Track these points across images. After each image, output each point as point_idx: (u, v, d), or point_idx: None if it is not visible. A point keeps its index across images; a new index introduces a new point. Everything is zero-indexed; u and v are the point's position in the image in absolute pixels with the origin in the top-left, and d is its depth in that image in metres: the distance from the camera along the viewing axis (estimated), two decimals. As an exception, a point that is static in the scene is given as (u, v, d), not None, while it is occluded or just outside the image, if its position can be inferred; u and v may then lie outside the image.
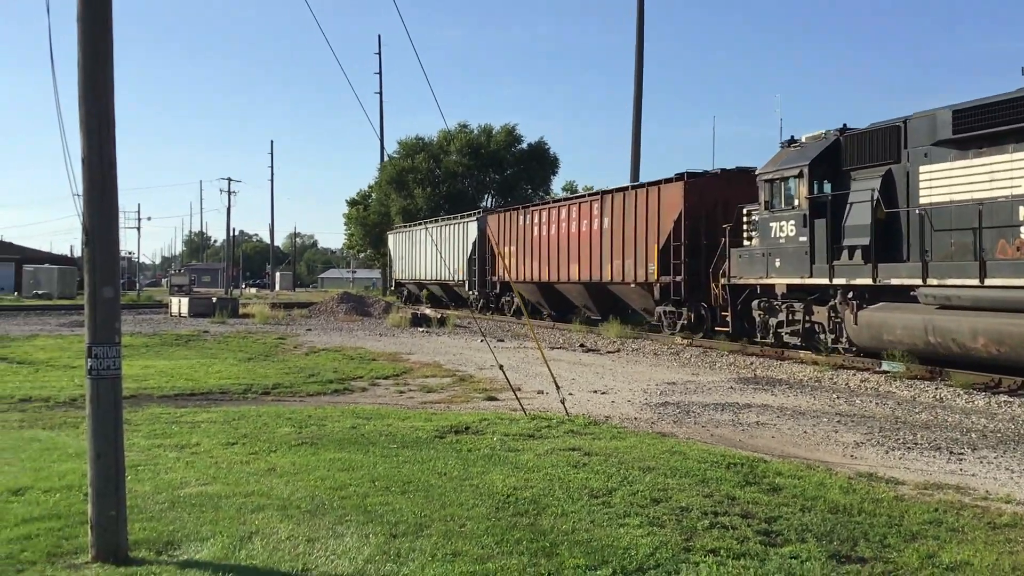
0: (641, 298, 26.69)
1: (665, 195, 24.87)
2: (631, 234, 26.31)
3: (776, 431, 11.00)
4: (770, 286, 20.21)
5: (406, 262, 48.86)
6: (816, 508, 6.92)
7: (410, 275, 47.98)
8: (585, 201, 29.88)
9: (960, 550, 5.93)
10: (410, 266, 47.91)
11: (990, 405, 13.17)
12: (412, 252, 47.36)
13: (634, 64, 40.31)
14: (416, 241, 46.69)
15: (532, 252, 32.99)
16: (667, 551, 5.82)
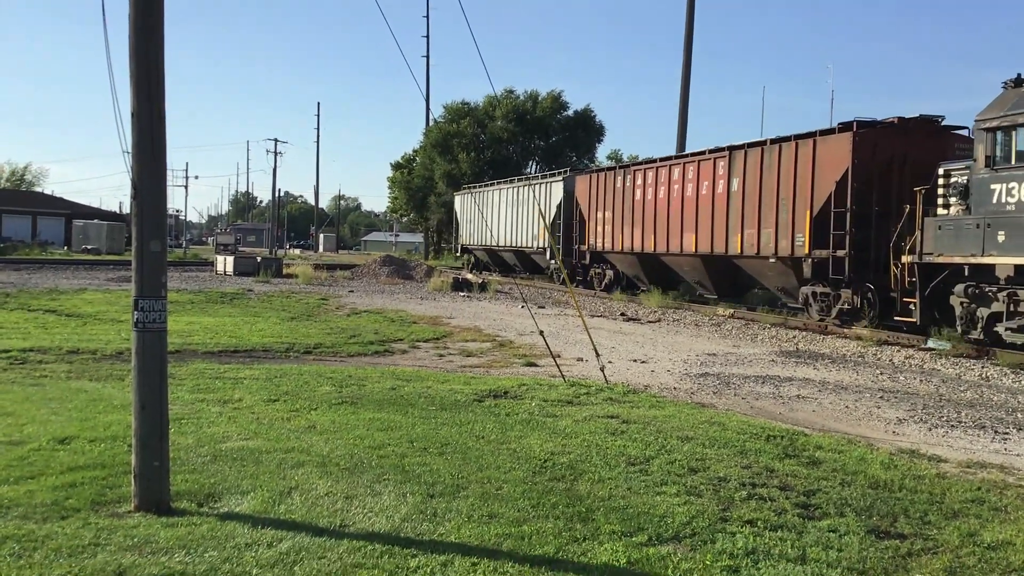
0: (780, 275, 22.00)
1: (824, 150, 19.88)
2: (771, 198, 21.46)
3: (817, 405, 10.90)
4: (986, 267, 15.77)
5: (475, 225, 45.09)
6: (856, 483, 6.85)
7: (479, 240, 44.32)
8: (706, 159, 24.59)
9: (1002, 529, 5.84)
10: (479, 230, 44.17)
11: (1038, 386, 12.92)
12: (483, 215, 43.55)
13: (684, 31, 39.73)
14: (488, 202, 42.66)
15: (632, 219, 28.47)
16: (703, 520, 5.80)
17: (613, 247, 30.01)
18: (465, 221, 46.87)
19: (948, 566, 5.16)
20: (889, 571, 5.06)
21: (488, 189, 43.68)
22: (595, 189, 31.48)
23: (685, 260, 26.08)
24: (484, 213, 43.10)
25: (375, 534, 5.43)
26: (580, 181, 32.96)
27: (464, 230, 47.13)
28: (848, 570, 5.05)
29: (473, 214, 45.15)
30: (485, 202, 43.04)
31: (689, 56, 39.82)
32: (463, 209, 47.33)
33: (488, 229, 42.43)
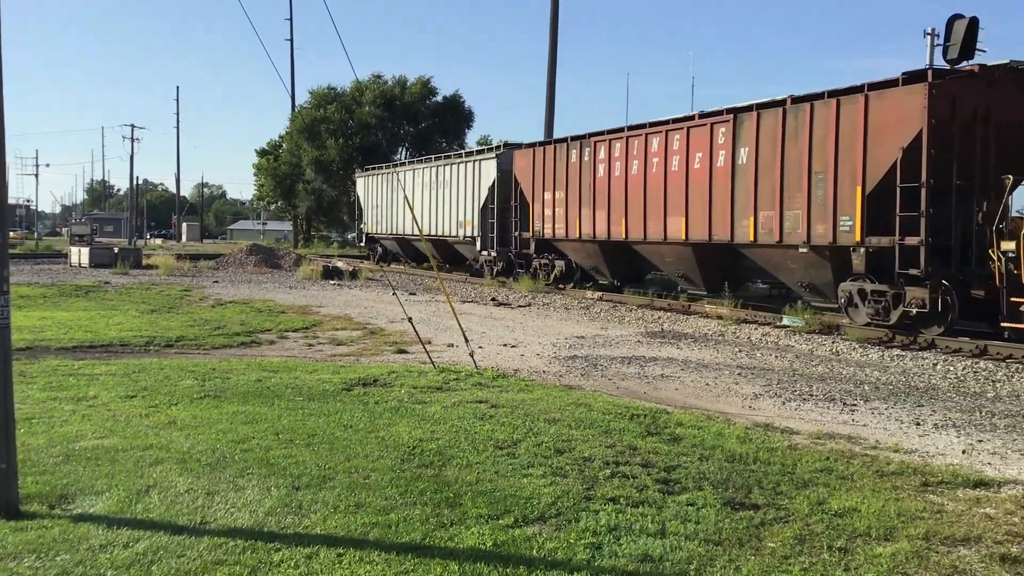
0: (808, 269, 17.56)
1: (882, 107, 15.59)
2: (798, 169, 17.14)
3: (680, 383, 11.24)
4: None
5: (382, 212, 40.07)
6: (714, 457, 7.11)
7: (388, 228, 39.54)
8: (700, 125, 20.09)
9: (849, 497, 6.16)
10: (388, 217, 39.50)
11: (883, 358, 13.68)
12: (392, 199, 38.70)
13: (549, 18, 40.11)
14: (398, 185, 37.78)
15: (594, 200, 23.79)
16: (568, 500, 5.91)
17: (567, 234, 25.33)
18: (371, 207, 41.76)
19: (798, 534, 5.41)
20: (743, 541, 5.28)
21: (400, 170, 38.57)
22: (541, 166, 26.66)
23: (668, 249, 21.45)
24: (394, 197, 38.38)
25: (238, 530, 5.32)
26: (520, 157, 28.28)
27: (369, 217, 42.09)
28: (705, 541, 5.24)
29: (381, 199, 40.19)
30: (396, 185, 38.00)
31: (555, 43, 40.23)
32: (368, 193, 42.35)
33: (399, 216, 37.77)
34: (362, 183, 43.53)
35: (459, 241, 32.82)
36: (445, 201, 33.44)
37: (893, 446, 7.86)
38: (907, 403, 10.09)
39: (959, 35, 16.19)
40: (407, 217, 36.36)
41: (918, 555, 5.08)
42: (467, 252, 33.17)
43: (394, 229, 38.91)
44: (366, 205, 42.60)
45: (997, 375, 12.16)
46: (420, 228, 31.92)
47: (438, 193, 33.85)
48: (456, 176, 32.68)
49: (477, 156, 31.93)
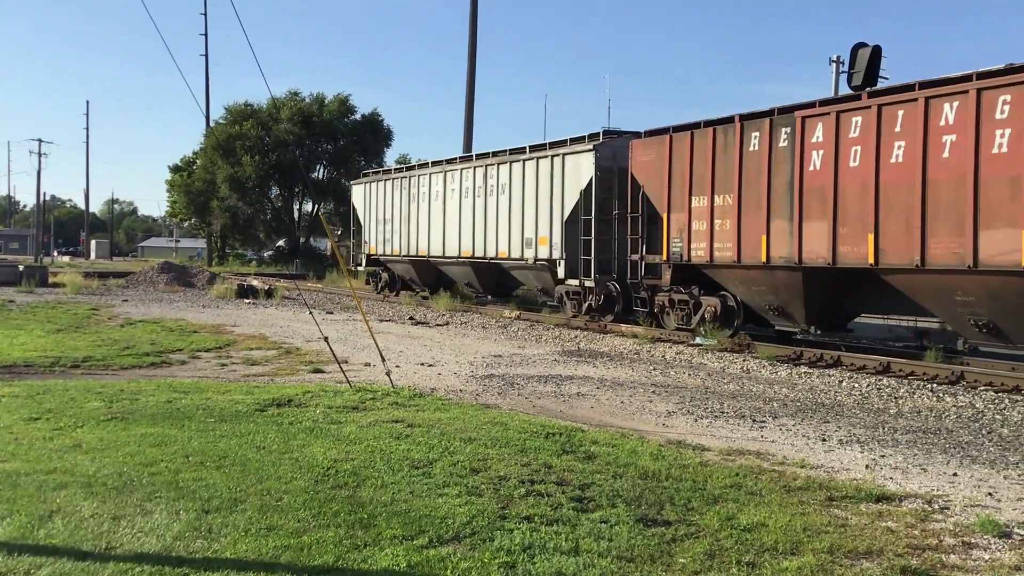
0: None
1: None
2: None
3: (595, 402, 11.36)
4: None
5: (392, 227, 31.37)
6: (627, 474, 7.20)
7: (401, 248, 30.77)
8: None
9: (757, 512, 6.30)
10: (402, 234, 30.66)
11: (791, 376, 14.04)
12: (409, 211, 30.21)
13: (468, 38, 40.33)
14: (421, 193, 29.41)
15: (797, 205, 15.81)
16: (483, 519, 5.92)
17: (738, 256, 17.08)
18: (374, 221, 33.03)
19: (708, 549, 5.52)
20: (655, 557, 5.36)
21: (421, 173, 29.76)
22: (685, 159, 18.27)
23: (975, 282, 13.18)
24: (412, 208, 30.12)
25: (144, 555, 5.20)
26: (644, 149, 19.50)
27: (372, 234, 33.14)
28: (618, 558, 5.30)
29: (391, 211, 31.63)
30: (415, 194, 29.95)
31: (473, 63, 40.44)
32: (370, 204, 33.59)
33: (420, 232, 29.51)
34: (361, 192, 34.51)
35: (523, 265, 24.05)
36: (499, 212, 24.98)
37: (800, 462, 8.07)
38: (814, 419, 10.37)
39: (863, 62, 16.81)
40: (434, 233, 28.45)
41: (823, 568, 5.22)
42: (533, 280, 24.42)
43: (411, 249, 30.10)
44: (367, 219, 33.78)
45: (899, 392, 12.58)
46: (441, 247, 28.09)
47: (487, 202, 25.49)
48: (522, 177, 24.02)
49: (563, 149, 22.76)
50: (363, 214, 34.41)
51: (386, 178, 32.59)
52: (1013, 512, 6.55)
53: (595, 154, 21.61)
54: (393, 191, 31.64)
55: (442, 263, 28.72)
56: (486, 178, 25.87)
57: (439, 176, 28.61)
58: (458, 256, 27.16)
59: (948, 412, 11.09)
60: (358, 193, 34.99)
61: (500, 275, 26.77)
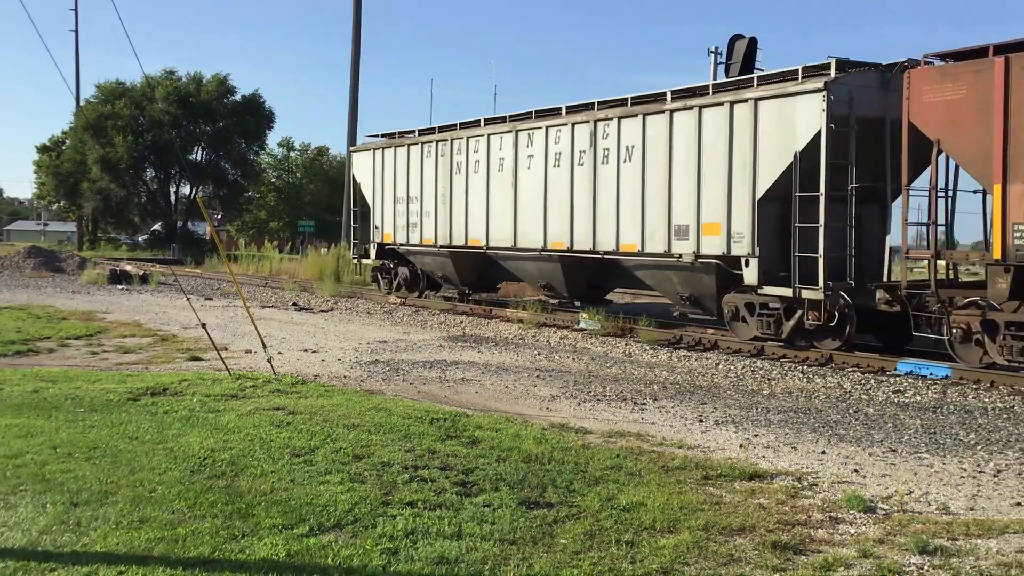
0: None
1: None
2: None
3: (480, 386, 11.39)
4: None
5: (421, 208, 23.29)
6: (511, 458, 7.25)
7: (437, 236, 22.59)
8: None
9: (636, 492, 6.43)
10: (437, 217, 22.58)
11: (671, 359, 14.37)
12: (450, 187, 22.09)
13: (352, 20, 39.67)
14: (472, 162, 21.37)
15: None
16: (366, 506, 5.87)
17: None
18: (390, 200, 24.69)
19: (589, 529, 5.60)
20: (537, 539, 5.41)
21: (474, 134, 21.38)
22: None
23: None
24: (455, 183, 21.88)
25: (8, 550, 4.96)
26: (936, 80, 12.55)
27: (386, 217, 24.91)
28: (500, 541, 5.33)
29: (418, 186, 23.42)
30: (463, 162, 21.61)
31: (358, 45, 39.83)
32: (381, 178, 25.13)
33: (464, 213, 21.59)
34: (367, 163, 25.98)
35: (664, 263, 16.59)
36: (620, 187, 17.17)
37: (678, 442, 8.27)
38: (692, 401, 10.65)
39: (740, 54, 17.28)
40: (496, 216, 20.54)
41: (698, 545, 5.36)
42: (676, 285, 16.69)
43: (452, 237, 22.04)
44: (377, 197, 25.36)
45: (772, 373, 13.03)
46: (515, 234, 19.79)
47: (598, 173, 17.64)
48: (668, 137, 16.21)
49: (754, 92, 15.09)
50: (371, 191, 25.61)
51: (409, 142, 23.91)
52: (877, 488, 6.87)
53: (826, 97, 13.77)
54: (423, 160, 23.14)
55: (508, 256, 20.55)
56: (594, 140, 17.69)
57: (506, 139, 20.21)
58: (541, 248, 19.15)
59: (818, 393, 11.54)
60: (362, 164, 26.41)
61: (604, 274, 19.04)
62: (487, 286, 23.81)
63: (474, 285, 23.38)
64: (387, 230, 24.97)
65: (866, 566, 5.08)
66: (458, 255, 22.32)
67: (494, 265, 21.83)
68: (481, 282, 23.36)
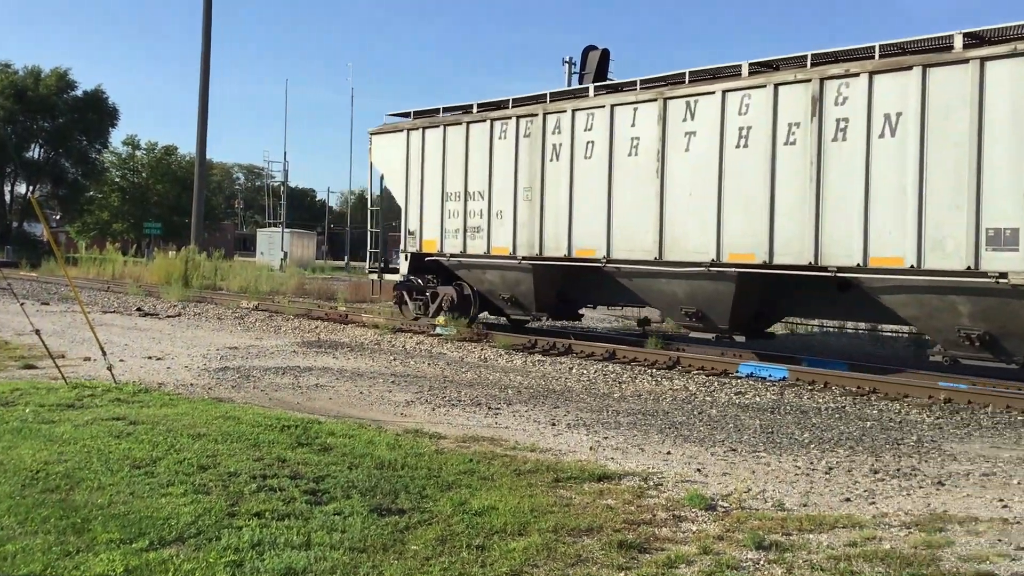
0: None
1: None
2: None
3: (334, 393, 11.24)
4: None
5: (486, 208, 17.70)
6: (363, 465, 7.18)
7: (514, 243, 17.14)
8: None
9: (488, 496, 6.48)
10: (517, 218, 17.14)
11: (526, 364, 14.56)
12: (540, 179, 16.72)
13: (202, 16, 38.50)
14: (578, 144, 16.01)
15: None
16: (211, 518, 5.69)
17: None
18: (433, 196, 18.79)
19: (440, 535, 5.60)
20: (388, 546, 5.38)
21: (579, 106, 16.18)
22: None
23: None
24: (547, 174, 16.61)
25: None
26: None
27: (428, 218, 18.96)
28: (350, 549, 5.27)
29: (478, 178, 17.85)
30: (558, 146, 16.43)
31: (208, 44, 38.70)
32: (420, 168, 19.11)
33: (569, 217, 16.21)
34: (396, 147, 19.67)
35: (966, 286, 11.55)
36: (871, 172, 12.37)
37: (531, 446, 8.38)
38: (545, 405, 10.81)
39: (593, 64, 17.67)
40: (622, 216, 15.33)
41: (547, 547, 5.45)
42: (968, 320, 11.70)
43: (536, 244, 16.75)
44: (412, 194, 19.27)
45: (623, 377, 13.37)
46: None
47: (823, 155, 12.82)
48: (977, 99, 11.35)
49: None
50: (403, 184, 19.44)
51: (468, 119, 18.06)
52: (718, 486, 7.14)
53: None
54: (492, 142, 17.46)
55: (639, 272, 15.11)
56: (818, 106, 12.77)
57: (644, 111, 14.86)
58: (710, 262, 13.88)
59: (665, 395, 11.91)
60: (388, 149, 19.99)
61: (816, 301, 14.40)
62: (568, 311, 18.16)
63: (554, 309, 17.72)
64: (429, 236, 18.80)
65: (706, 562, 5.27)
66: (546, 269, 16.70)
67: (601, 284, 16.43)
68: (563, 305, 17.82)
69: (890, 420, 10.39)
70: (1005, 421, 10.40)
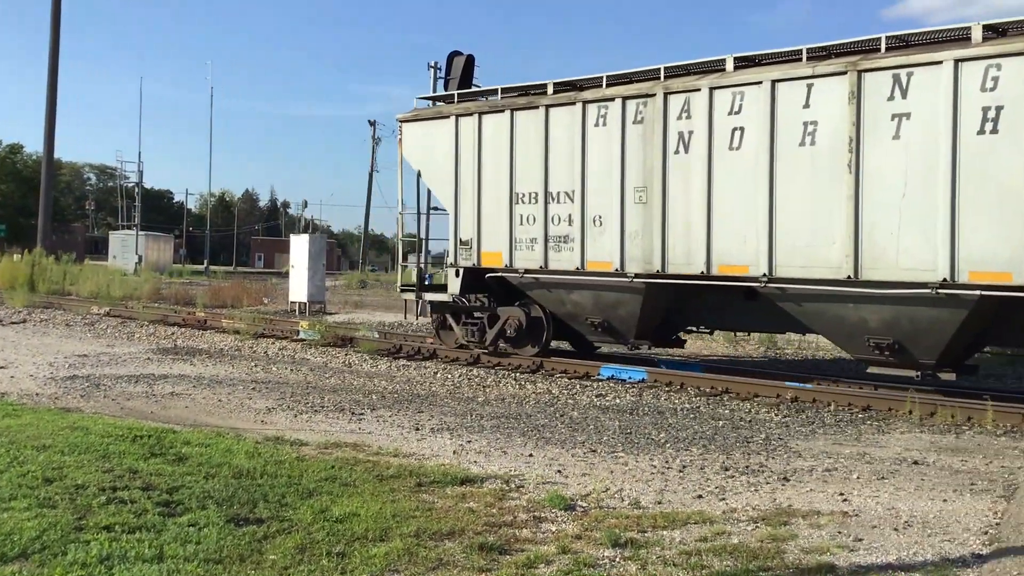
0: None
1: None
2: None
3: (191, 401, 10.93)
4: None
5: (582, 210, 14.08)
6: (221, 474, 7.01)
7: (618, 256, 13.65)
8: None
9: (350, 502, 6.43)
10: (620, 223, 13.65)
11: (391, 369, 14.50)
12: (661, 172, 13.12)
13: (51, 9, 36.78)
14: (716, 129, 12.61)
15: None
16: (56, 532, 5.46)
17: None
18: (494, 198, 15.26)
19: (300, 543, 5.53)
20: (245, 556, 5.27)
21: (740, 82, 12.51)
22: None
23: None
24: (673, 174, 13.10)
25: None
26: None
27: (487, 225, 15.39)
28: (205, 561, 5.14)
29: (569, 174, 14.22)
30: (702, 138, 12.74)
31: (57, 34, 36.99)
32: (475, 161, 15.44)
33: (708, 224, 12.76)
34: (440, 136, 16.13)
35: None
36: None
37: (394, 451, 8.36)
38: (409, 410, 10.79)
39: (458, 70, 17.73)
40: (771, 220, 12.15)
41: (409, 552, 5.45)
42: None
43: (665, 259, 13.23)
44: (464, 195, 15.75)
45: (487, 381, 13.48)
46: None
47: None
48: None
49: None
50: (450, 183, 15.86)
51: (547, 102, 14.58)
52: (578, 487, 7.29)
53: None
54: (585, 130, 14.07)
55: (816, 294, 11.97)
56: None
57: (827, 87, 11.76)
58: (924, 281, 10.97)
59: (529, 398, 12.07)
60: (429, 139, 16.36)
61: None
62: (668, 336, 14.90)
63: (655, 335, 14.56)
64: (490, 247, 15.30)
65: (564, 561, 5.38)
66: (660, 290, 13.56)
67: (742, 307, 13.34)
68: (663, 329, 14.63)
69: (741, 419, 10.83)
70: (847, 419, 10.99)
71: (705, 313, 14.09)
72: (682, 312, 14.16)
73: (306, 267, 25.76)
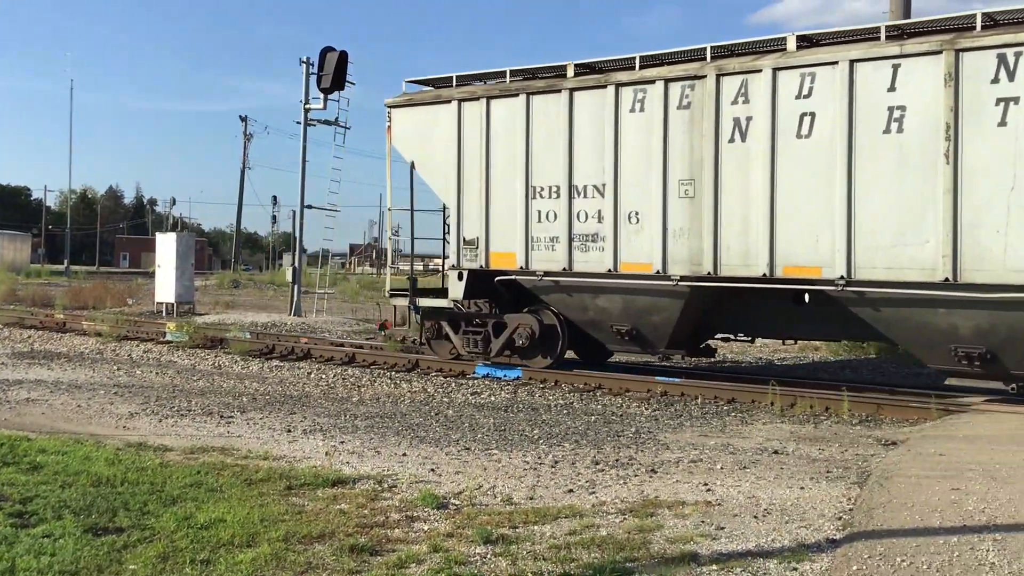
0: None
1: None
2: None
3: (48, 407, 10.47)
4: None
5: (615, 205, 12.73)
6: (78, 483, 6.74)
7: (660, 257, 12.36)
8: None
9: (216, 508, 6.27)
10: (662, 221, 12.34)
11: (263, 370, 14.20)
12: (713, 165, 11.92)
13: None
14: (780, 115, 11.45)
15: None
16: None
17: None
18: (505, 193, 13.72)
19: (162, 552, 5.36)
20: (103, 567, 5.08)
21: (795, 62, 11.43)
22: None
23: None
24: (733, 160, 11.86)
25: None
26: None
27: (496, 222, 13.89)
28: (60, 573, 4.94)
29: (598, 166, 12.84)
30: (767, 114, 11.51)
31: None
32: (482, 151, 13.87)
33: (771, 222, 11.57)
34: (442, 123, 14.37)
35: None
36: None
37: (264, 454, 8.19)
38: (281, 412, 10.60)
39: (331, 66, 17.51)
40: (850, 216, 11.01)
41: (277, 556, 5.35)
42: None
43: (717, 260, 11.97)
44: (470, 190, 14.10)
45: (362, 381, 13.35)
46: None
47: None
48: None
49: None
50: (451, 176, 14.30)
51: (564, 85, 13.18)
52: (451, 485, 7.30)
53: None
54: (618, 117, 12.70)
55: (905, 298, 10.83)
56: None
57: (918, 68, 10.63)
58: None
59: (404, 397, 12.02)
60: (424, 127, 14.72)
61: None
62: (696, 344, 13.83)
63: (689, 344, 13.57)
64: (501, 247, 13.84)
65: (436, 560, 5.38)
66: (703, 293, 12.39)
67: (803, 313, 12.17)
68: (696, 337, 13.60)
69: (612, 414, 11.05)
70: (712, 411, 11.35)
71: (755, 319, 12.80)
72: (726, 318, 12.99)
73: (173, 266, 25.04)
